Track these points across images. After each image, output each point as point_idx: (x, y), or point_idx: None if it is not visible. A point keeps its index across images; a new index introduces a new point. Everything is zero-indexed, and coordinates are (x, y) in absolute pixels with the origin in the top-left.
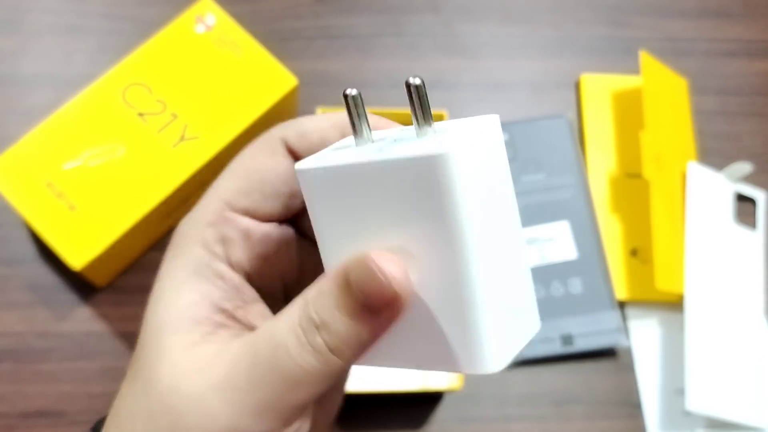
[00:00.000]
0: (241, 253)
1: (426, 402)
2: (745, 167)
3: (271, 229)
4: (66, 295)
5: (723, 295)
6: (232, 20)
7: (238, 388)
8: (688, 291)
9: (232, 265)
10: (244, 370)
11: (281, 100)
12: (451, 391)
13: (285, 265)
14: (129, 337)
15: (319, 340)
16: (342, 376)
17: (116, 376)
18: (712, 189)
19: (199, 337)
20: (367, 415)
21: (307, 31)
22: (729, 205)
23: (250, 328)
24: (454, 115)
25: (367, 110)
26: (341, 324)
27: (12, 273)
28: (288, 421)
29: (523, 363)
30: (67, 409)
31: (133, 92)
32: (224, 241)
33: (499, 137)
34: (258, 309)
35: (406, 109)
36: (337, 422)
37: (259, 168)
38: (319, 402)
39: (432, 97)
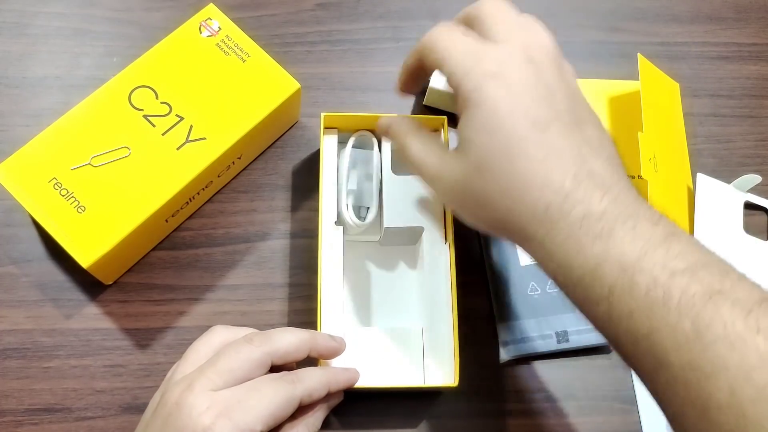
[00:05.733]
0: None
1: (424, 398)
2: (754, 178)
3: None
4: (73, 294)
5: None
6: (236, 26)
7: None
8: None
9: None
10: None
11: (284, 104)
12: (448, 388)
13: None
14: (134, 334)
15: None
16: None
17: (122, 372)
18: (721, 200)
19: None
20: (366, 410)
21: (309, 37)
22: (738, 216)
23: None
24: (452, 119)
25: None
26: None
27: (21, 272)
28: None
29: (518, 359)
30: (74, 406)
31: (140, 95)
32: None
33: None
34: None
35: (406, 113)
36: (336, 418)
37: None
38: None
39: None
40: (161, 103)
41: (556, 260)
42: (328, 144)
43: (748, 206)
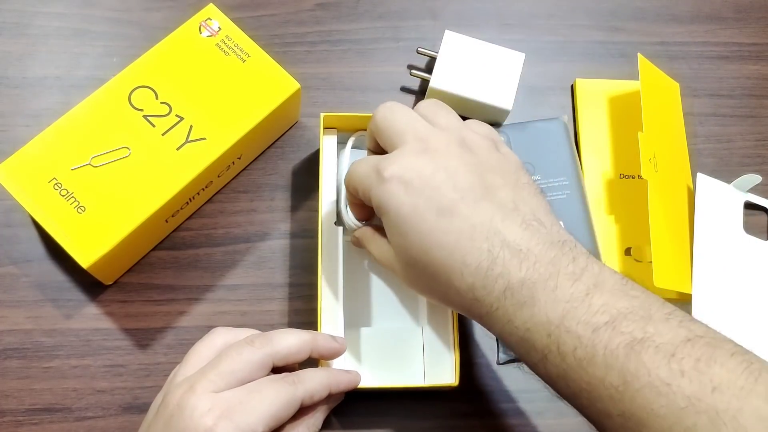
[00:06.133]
0: None
1: (424, 398)
2: (754, 178)
3: None
4: (73, 294)
5: (732, 305)
6: (236, 26)
7: None
8: (695, 301)
9: None
10: None
11: (284, 104)
12: (448, 388)
13: None
14: (134, 334)
15: None
16: None
17: (122, 372)
18: (721, 200)
19: None
20: (366, 410)
21: (309, 37)
22: (738, 216)
23: None
24: None
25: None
26: None
27: (21, 272)
28: None
29: (518, 359)
30: (74, 406)
31: (140, 95)
32: None
33: None
34: None
35: None
36: (337, 418)
37: None
38: None
39: None
40: (161, 103)
41: (495, 329)
42: (327, 144)
43: (748, 206)
